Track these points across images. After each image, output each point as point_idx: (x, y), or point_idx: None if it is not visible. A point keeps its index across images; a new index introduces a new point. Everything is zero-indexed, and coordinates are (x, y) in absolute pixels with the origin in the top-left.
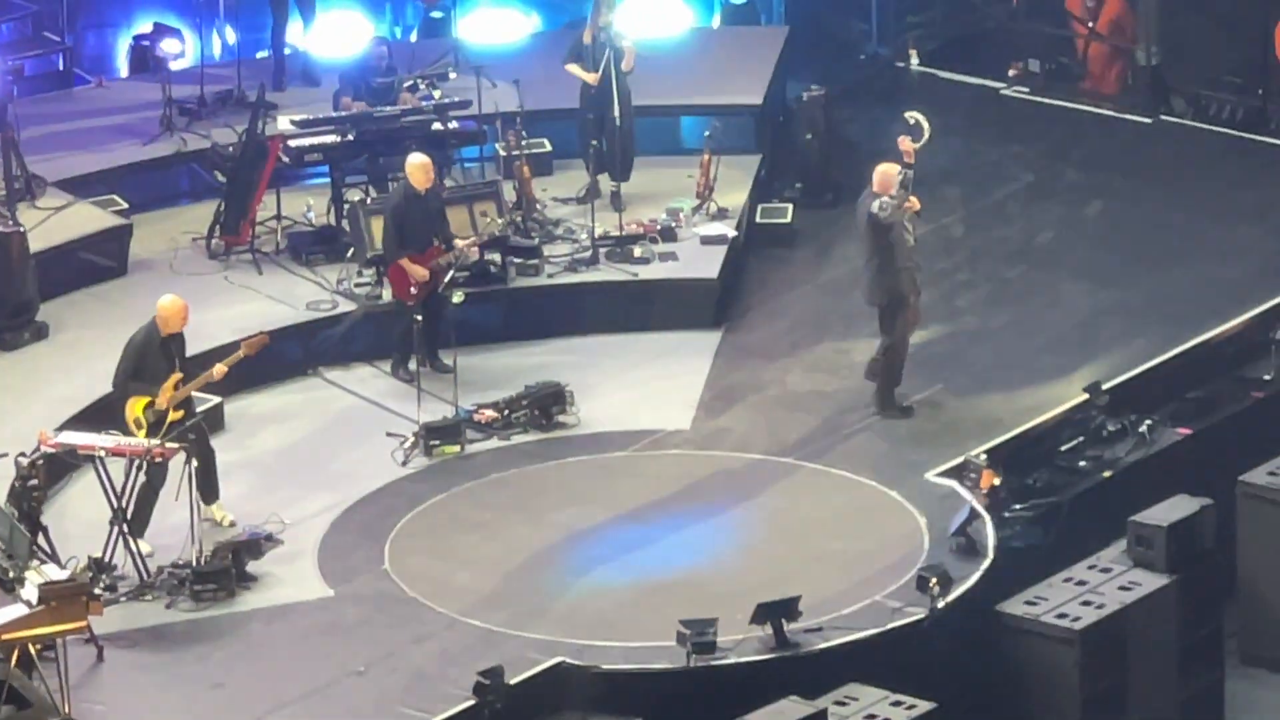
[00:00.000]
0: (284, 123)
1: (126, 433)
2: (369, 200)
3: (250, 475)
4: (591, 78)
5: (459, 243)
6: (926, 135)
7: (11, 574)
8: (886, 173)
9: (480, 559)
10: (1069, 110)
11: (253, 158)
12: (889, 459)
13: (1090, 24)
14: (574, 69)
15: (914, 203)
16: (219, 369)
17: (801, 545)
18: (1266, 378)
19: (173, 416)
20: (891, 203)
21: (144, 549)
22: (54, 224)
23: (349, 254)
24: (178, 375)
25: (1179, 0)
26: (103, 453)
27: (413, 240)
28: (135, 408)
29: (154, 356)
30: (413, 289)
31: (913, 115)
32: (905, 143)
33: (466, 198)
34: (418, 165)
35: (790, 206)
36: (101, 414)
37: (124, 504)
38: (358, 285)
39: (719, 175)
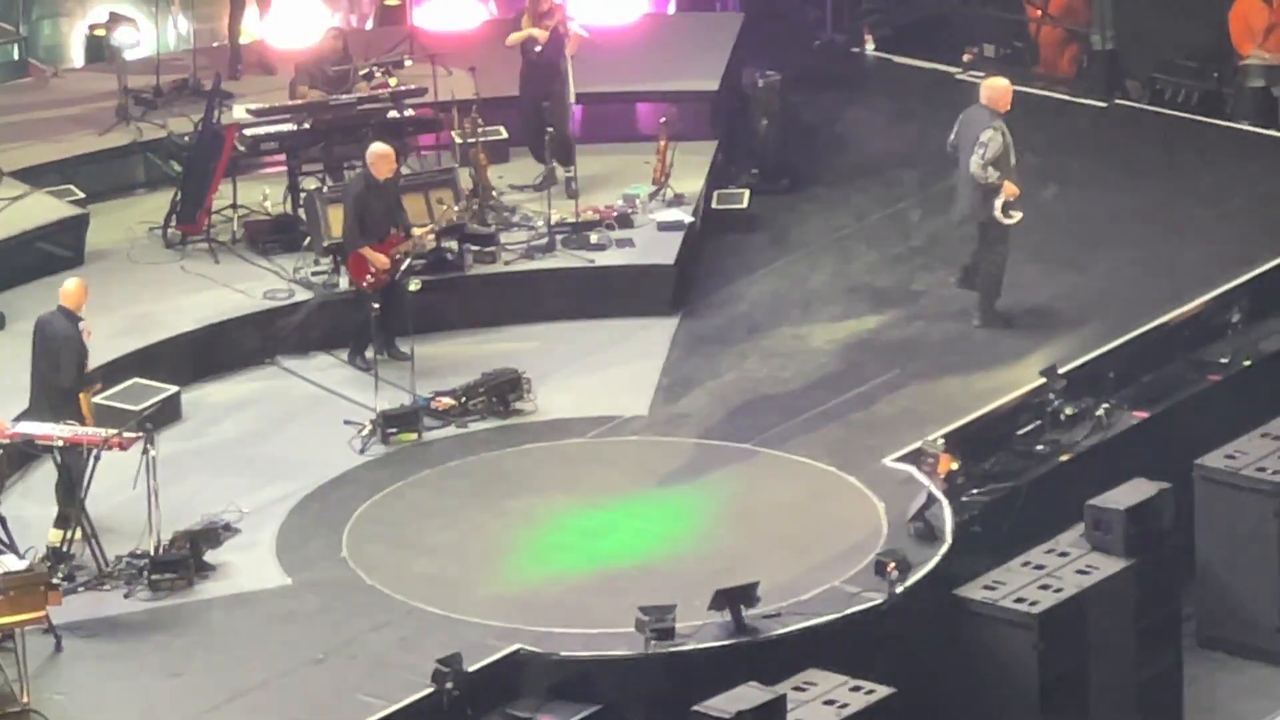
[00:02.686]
0: (240, 112)
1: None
2: (325, 189)
3: (208, 464)
4: (540, 33)
5: (417, 231)
6: None
7: None
8: (995, 87)
9: (438, 546)
10: (1024, 94)
11: (209, 147)
12: (846, 444)
13: (1043, 8)
14: (516, 36)
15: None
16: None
17: (760, 531)
18: (1223, 360)
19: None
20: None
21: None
22: (10, 214)
23: (306, 243)
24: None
25: None
26: (60, 443)
27: (373, 229)
28: (85, 401)
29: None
30: (371, 277)
31: None
32: None
33: (423, 185)
34: (380, 154)
35: (746, 192)
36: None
37: (82, 494)
38: (315, 274)
39: (675, 161)
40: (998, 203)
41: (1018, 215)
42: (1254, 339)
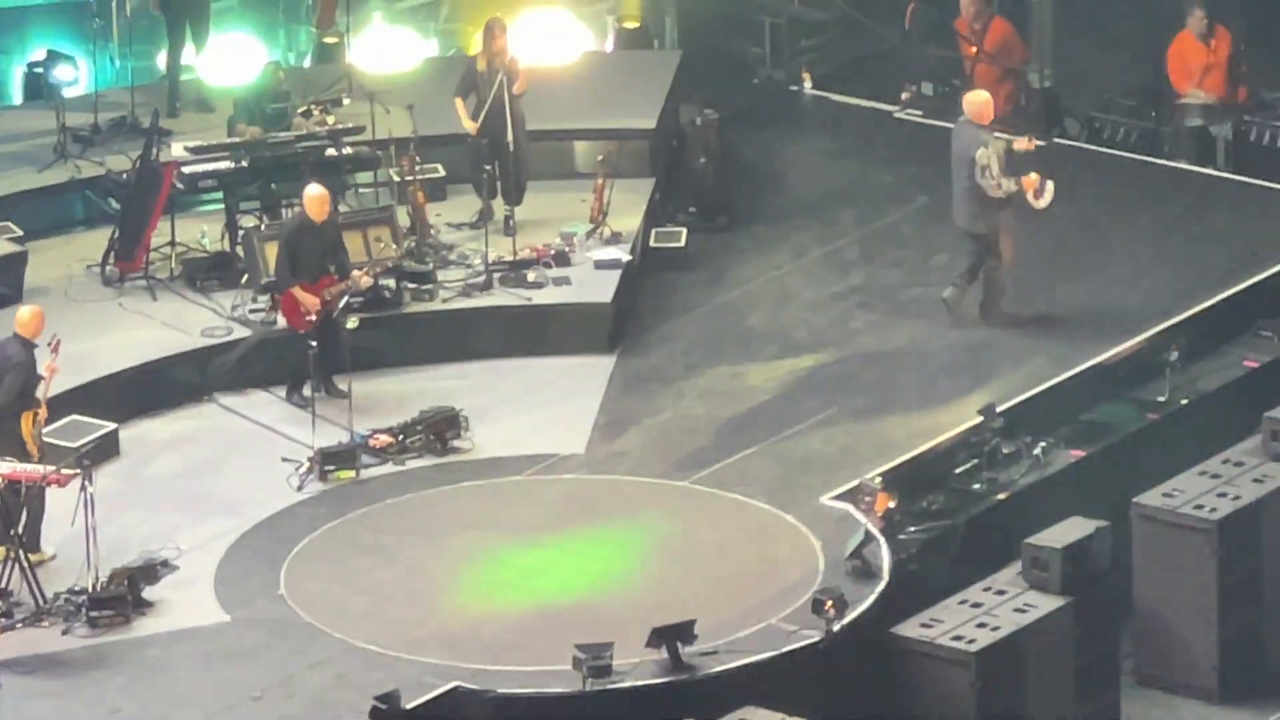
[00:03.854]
0: (178, 149)
1: (21, 455)
2: (263, 226)
3: (146, 501)
4: (471, 126)
5: (355, 274)
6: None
7: None
8: (974, 101)
9: (376, 584)
10: None
11: (147, 184)
12: (784, 482)
13: (978, 45)
14: (460, 108)
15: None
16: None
17: (697, 569)
18: (1161, 399)
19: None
20: (990, 153)
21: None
22: None
23: (243, 280)
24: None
25: (1072, 22)
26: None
27: (305, 269)
28: (25, 425)
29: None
30: (307, 317)
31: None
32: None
33: (361, 223)
34: (315, 197)
35: (684, 230)
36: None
37: (18, 529)
38: (252, 311)
39: (613, 199)
40: (1033, 202)
41: (1048, 194)
42: (1192, 378)
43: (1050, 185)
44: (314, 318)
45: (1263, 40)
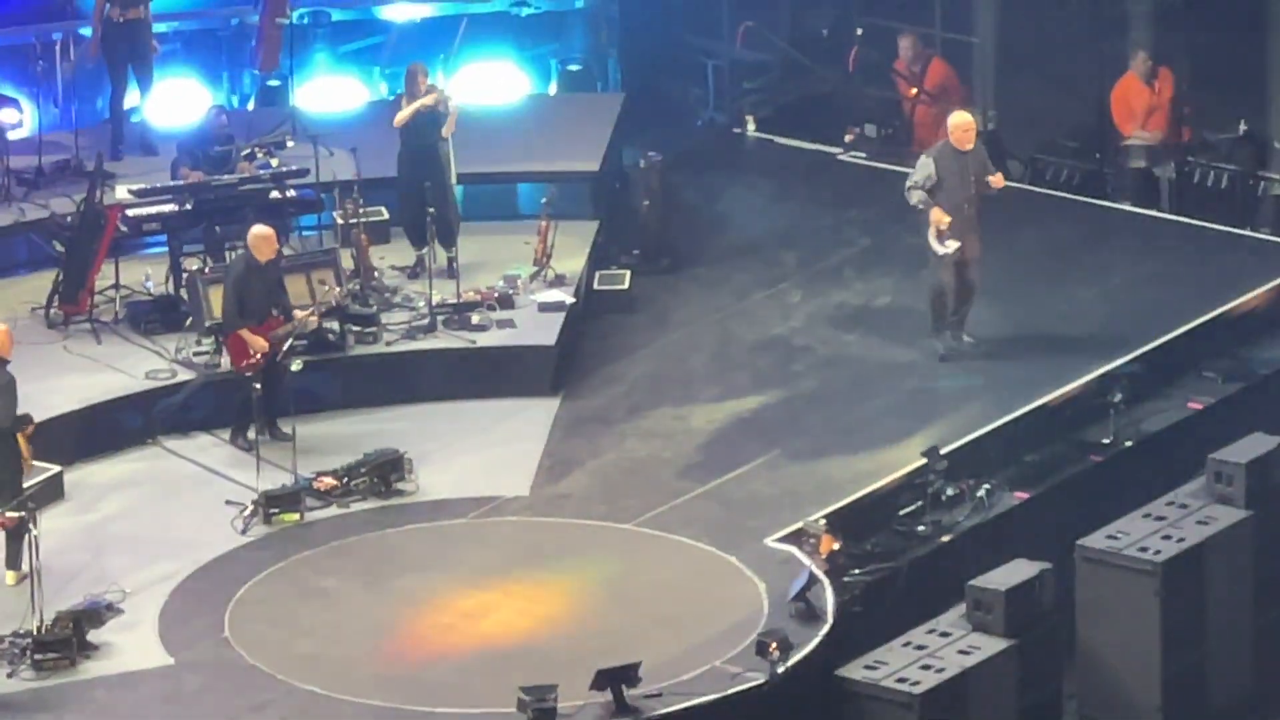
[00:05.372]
0: (122, 192)
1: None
2: (207, 269)
3: (90, 544)
4: (432, 99)
5: (298, 313)
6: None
7: None
8: (948, 124)
9: (320, 626)
10: (905, 174)
11: (91, 227)
12: (727, 525)
13: (919, 86)
14: (406, 113)
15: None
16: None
17: (641, 611)
18: (1105, 441)
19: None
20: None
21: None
22: None
23: (187, 323)
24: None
25: (1015, 64)
26: None
27: (253, 311)
28: (23, 441)
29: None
30: (253, 358)
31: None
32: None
33: (304, 266)
34: (261, 236)
35: (628, 273)
36: None
37: None
38: (196, 354)
39: (556, 242)
40: (930, 231)
41: (953, 245)
42: (1136, 419)
43: (955, 245)
44: (260, 359)
45: (1206, 82)
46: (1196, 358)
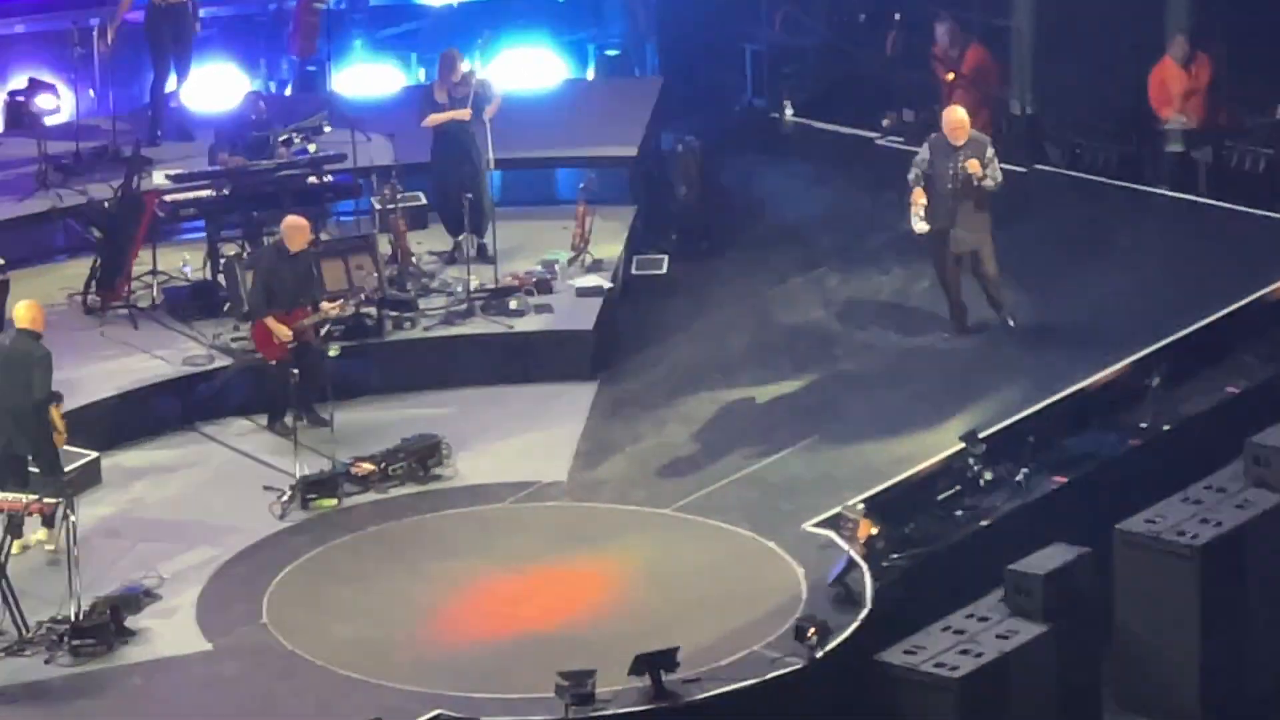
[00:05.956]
0: (160, 178)
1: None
2: (245, 255)
3: (127, 529)
4: (464, 113)
5: (325, 305)
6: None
7: None
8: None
9: (359, 611)
10: None
11: (129, 213)
12: (765, 509)
13: (955, 70)
14: (436, 117)
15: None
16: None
17: (679, 596)
18: (1143, 425)
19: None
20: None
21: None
22: None
23: (225, 309)
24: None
25: (1052, 49)
26: None
27: (281, 299)
28: (56, 414)
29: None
30: (282, 346)
31: None
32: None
33: (342, 251)
34: (294, 226)
35: (665, 257)
36: None
37: (3, 559)
38: (234, 340)
39: (594, 227)
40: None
41: (921, 227)
42: (1174, 403)
43: (923, 227)
44: (288, 345)
45: (1243, 65)
46: (1234, 341)
